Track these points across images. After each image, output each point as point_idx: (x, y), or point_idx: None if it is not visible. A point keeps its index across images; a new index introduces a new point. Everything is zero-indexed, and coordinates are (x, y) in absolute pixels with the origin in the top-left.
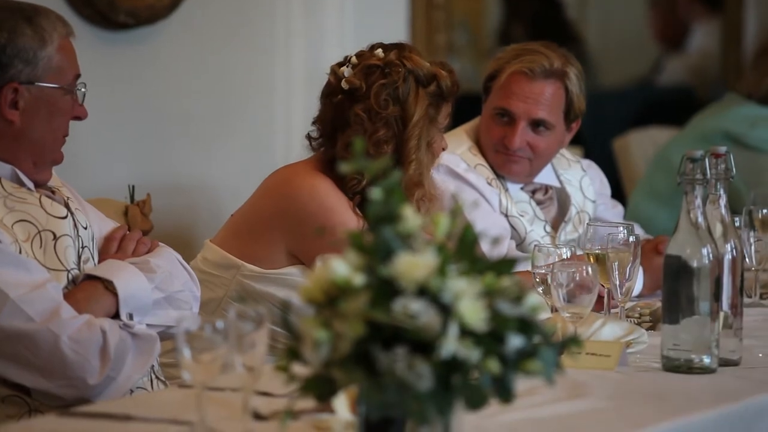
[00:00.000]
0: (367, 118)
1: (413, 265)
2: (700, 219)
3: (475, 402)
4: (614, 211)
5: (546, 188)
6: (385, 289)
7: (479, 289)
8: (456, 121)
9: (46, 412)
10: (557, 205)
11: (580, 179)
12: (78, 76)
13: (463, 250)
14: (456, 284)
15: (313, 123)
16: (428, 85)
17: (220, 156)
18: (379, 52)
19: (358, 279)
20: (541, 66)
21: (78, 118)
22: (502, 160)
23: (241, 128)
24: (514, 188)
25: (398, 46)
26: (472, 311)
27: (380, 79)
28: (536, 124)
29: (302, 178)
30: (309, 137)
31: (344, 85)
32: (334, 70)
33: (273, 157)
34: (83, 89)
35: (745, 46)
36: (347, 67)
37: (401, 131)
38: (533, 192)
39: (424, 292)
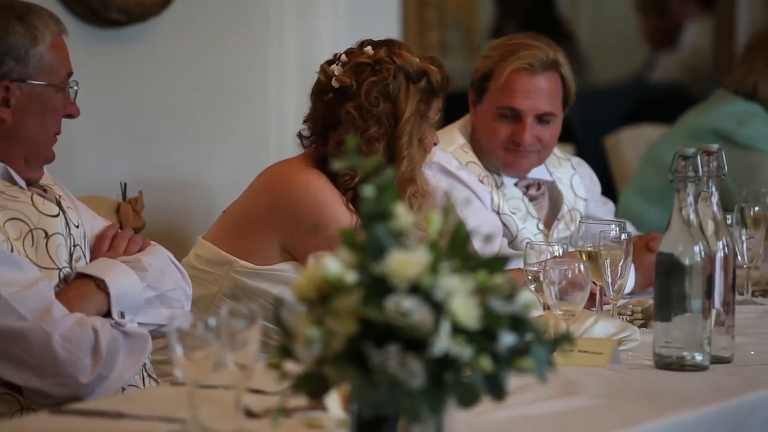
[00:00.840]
0: (359, 116)
1: (405, 262)
2: (692, 216)
3: (467, 399)
4: (605, 208)
5: (539, 184)
6: (378, 287)
7: (471, 287)
8: (449, 119)
9: (38, 410)
10: (549, 202)
11: (571, 177)
12: (70, 74)
13: (456, 247)
14: (448, 282)
15: (305, 122)
16: (418, 81)
17: (212, 153)
18: (369, 49)
19: (351, 276)
20: (539, 59)
21: (70, 116)
22: (513, 157)
23: (234, 125)
24: (508, 183)
25: (387, 43)
26: (465, 309)
27: (370, 77)
28: (541, 117)
29: (296, 174)
30: (300, 136)
31: (335, 83)
32: (324, 69)
33: (266, 154)
34: (75, 87)
35: (737, 43)
36: (337, 65)
37: (393, 128)
38: (527, 187)
39: (416, 289)
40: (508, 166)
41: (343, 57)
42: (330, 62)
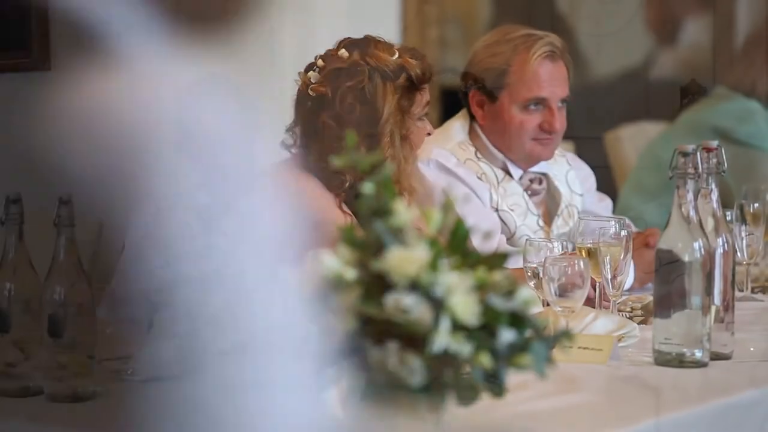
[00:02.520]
0: (336, 125)
1: (405, 259)
2: (692, 213)
3: (467, 397)
4: (601, 204)
5: (540, 179)
6: (377, 284)
7: (471, 283)
8: (448, 114)
9: None
10: (548, 198)
11: (566, 173)
12: None
13: (455, 244)
14: (448, 278)
15: (287, 131)
16: (396, 78)
17: None
18: (343, 52)
19: (350, 273)
20: (555, 46)
21: None
22: (542, 146)
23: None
24: (515, 176)
25: (362, 43)
26: (464, 305)
27: (345, 82)
28: (561, 102)
29: (288, 177)
30: (285, 145)
31: (311, 92)
32: (302, 76)
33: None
34: None
35: (737, 40)
36: (314, 71)
37: (372, 130)
38: (531, 181)
39: (416, 286)
40: (537, 155)
41: (320, 62)
42: (308, 68)
